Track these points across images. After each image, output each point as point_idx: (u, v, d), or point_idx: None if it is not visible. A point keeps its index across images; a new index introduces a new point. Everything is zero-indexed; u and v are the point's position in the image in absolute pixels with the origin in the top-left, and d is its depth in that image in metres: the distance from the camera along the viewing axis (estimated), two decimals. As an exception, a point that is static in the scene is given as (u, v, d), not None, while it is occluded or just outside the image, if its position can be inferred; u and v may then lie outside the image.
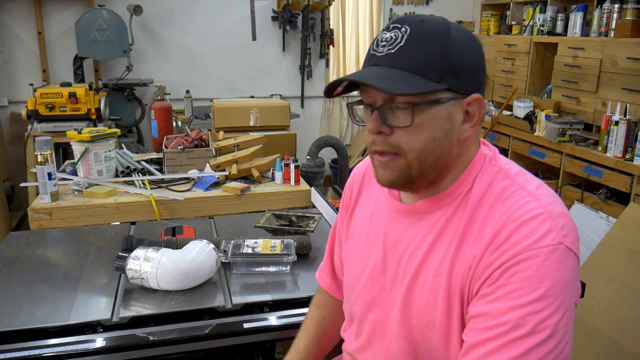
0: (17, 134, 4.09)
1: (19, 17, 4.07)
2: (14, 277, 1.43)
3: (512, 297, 0.74)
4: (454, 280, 0.82)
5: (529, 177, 0.86)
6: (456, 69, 0.80)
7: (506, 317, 0.74)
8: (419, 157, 0.82)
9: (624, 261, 2.24)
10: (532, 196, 0.80)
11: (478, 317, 0.78)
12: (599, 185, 3.04)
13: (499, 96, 4.29)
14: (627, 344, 2.07)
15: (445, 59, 0.79)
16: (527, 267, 0.74)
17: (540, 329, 0.73)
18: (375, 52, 0.82)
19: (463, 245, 0.82)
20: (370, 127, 0.83)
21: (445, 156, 0.83)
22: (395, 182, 0.85)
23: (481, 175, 0.85)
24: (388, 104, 0.81)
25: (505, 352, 0.73)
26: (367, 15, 4.89)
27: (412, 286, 0.87)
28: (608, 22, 3.26)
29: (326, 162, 4.56)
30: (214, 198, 2.18)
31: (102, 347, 1.17)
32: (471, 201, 0.83)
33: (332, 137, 3.81)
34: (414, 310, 0.87)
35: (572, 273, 0.77)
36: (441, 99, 0.80)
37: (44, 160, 1.96)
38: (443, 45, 0.79)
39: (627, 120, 2.81)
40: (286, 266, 1.46)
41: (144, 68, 4.37)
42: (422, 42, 0.79)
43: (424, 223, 0.88)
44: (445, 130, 0.81)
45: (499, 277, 0.76)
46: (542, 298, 0.73)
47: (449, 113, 0.81)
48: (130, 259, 1.32)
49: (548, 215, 0.77)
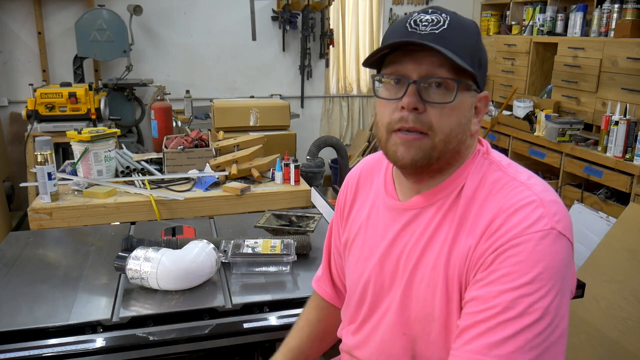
0: (17, 134, 4.09)
1: (19, 17, 4.07)
2: (14, 277, 1.43)
3: (504, 280, 0.75)
4: (450, 271, 0.83)
5: (519, 168, 0.88)
6: (482, 63, 0.85)
7: (497, 300, 0.75)
8: (446, 138, 0.82)
9: (624, 261, 2.24)
10: (524, 185, 0.82)
11: (471, 301, 0.79)
12: (599, 185, 3.04)
13: (499, 96, 4.29)
14: (627, 344, 2.07)
15: (478, 52, 0.84)
16: (520, 252, 0.75)
17: (530, 311, 0.73)
18: (416, 30, 0.81)
19: (458, 238, 0.83)
20: (407, 102, 0.81)
21: (461, 144, 0.85)
22: (417, 162, 0.84)
23: (474, 169, 0.87)
24: (425, 80, 0.81)
25: (495, 333, 0.74)
26: (367, 15, 4.89)
27: (410, 281, 0.88)
28: (608, 22, 3.26)
29: (326, 162, 4.56)
30: (214, 198, 2.18)
31: (102, 347, 1.17)
32: (465, 194, 0.85)
33: (332, 137, 3.81)
34: (412, 305, 0.87)
35: (565, 257, 0.77)
36: (471, 86, 0.84)
37: (44, 160, 1.96)
38: (477, 38, 0.84)
39: (627, 120, 2.81)
40: (286, 266, 1.46)
41: (144, 68, 4.37)
42: (463, 30, 0.82)
43: (421, 219, 0.88)
44: (467, 117, 0.85)
45: (491, 262, 0.77)
46: (533, 281, 0.74)
47: (472, 103, 0.85)
48: (130, 259, 1.32)
49: (540, 202, 0.78)
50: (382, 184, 0.99)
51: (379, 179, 1.01)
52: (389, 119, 0.84)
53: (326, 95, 4.94)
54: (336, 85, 4.97)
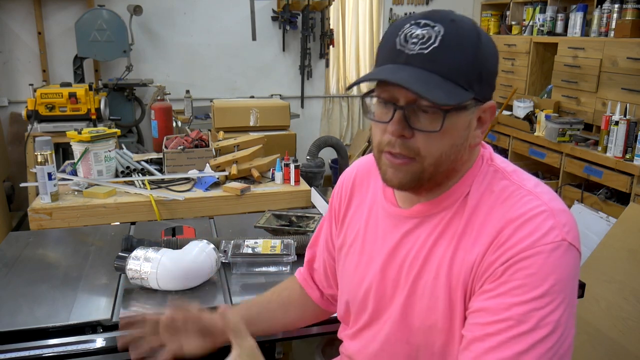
0: (17, 134, 4.09)
1: (19, 17, 4.07)
2: (14, 277, 1.43)
3: (515, 293, 0.74)
4: (454, 281, 0.81)
5: (524, 175, 0.86)
6: (483, 76, 0.78)
7: (509, 313, 0.74)
8: (436, 162, 0.80)
9: (624, 261, 2.24)
10: (532, 194, 0.80)
11: (479, 312, 0.77)
12: (599, 185, 3.04)
13: (499, 96, 4.29)
14: (627, 344, 2.07)
15: (477, 66, 0.77)
16: (531, 264, 0.74)
17: (542, 325, 0.73)
18: (404, 49, 0.76)
19: (461, 246, 0.81)
20: (392, 130, 0.78)
21: (457, 162, 0.82)
22: (405, 185, 0.83)
23: (479, 176, 0.85)
24: (412, 106, 0.77)
25: (507, 348, 0.73)
26: (367, 15, 4.89)
27: (413, 290, 0.86)
28: (608, 22, 3.26)
29: (326, 162, 4.56)
30: (214, 198, 2.17)
31: (102, 347, 1.17)
32: (470, 202, 0.83)
33: (332, 137, 3.81)
34: (415, 314, 0.86)
35: (574, 269, 0.77)
36: (467, 106, 0.78)
37: (44, 160, 1.96)
38: (475, 51, 0.76)
39: (627, 120, 2.81)
40: (286, 266, 1.46)
41: (144, 68, 4.37)
42: (457, 45, 0.75)
43: (425, 227, 0.87)
44: (464, 137, 0.81)
45: (502, 274, 0.76)
46: (545, 295, 0.73)
47: (470, 120, 0.80)
48: (130, 259, 1.32)
49: (550, 212, 0.77)
50: (380, 188, 0.97)
51: (377, 182, 0.98)
52: (380, 139, 0.82)
53: (326, 95, 4.94)
54: (336, 85, 4.97)
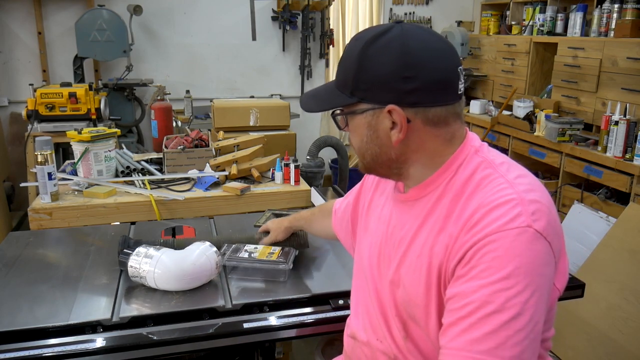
0: (17, 134, 4.09)
1: (19, 17, 4.07)
2: (14, 277, 1.43)
3: (482, 275, 0.78)
4: (434, 260, 0.87)
5: (512, 167, 0.89)
6: (367, 84, 0.88)
7: (476, 295, 0.77)
8: (358, 153, 0.96)
9: (624, 261, 2.24)
10: (507, 183, 0.84)
11: (453, 298, 0.82)
12: (598, 185, 3.04)
13: (499, 96, 4.29)
14: (627, 344, 2.07)
15: (357, 76, 0.88)
16: (496, 248, 0.78)
17: (508, 306, 0.75)
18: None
19: (444, 228, 0.87)
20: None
21: (384, 155, 0.92)
22: (363, 169, 0.99)
23: (465, 165, 0.90)
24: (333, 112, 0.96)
25: (476, 329, 0.76)
26: (367, 15, 4.89)
27: (399, 267, 0.94)
28: (608, 22, 3.26)
29: (326, 162, 4.56)
30: (214, 198, 2.18)
31: (102, 347, 1.17)
32: (454, 188, 0.89)
33: (332, 137, 3.81)
34: (400, 289, 0.93)
35: (542, 256, 0.79)
36: (356, 111, 0.91)
37: (44, 160, 1.96)
38: (356, 63, 0.88)
39: (627, 120, 2.81)
40: (282, 276, 1.41)
41: (144, 68, 4.37)
42: (344, 59, 0.91)
43: (415, 209, 0.94)
44: (369, 135, 0.92)
45: (471, 258, 0.80)
46: (510, 276, 0.76)
47: (368, 122, 0.91)
48: (133, 255, 1.33)
49: (519, 201, 0.81)
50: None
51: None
52: None
53: (326, 95, 4.93)
54: (336, 85, 4.96)
